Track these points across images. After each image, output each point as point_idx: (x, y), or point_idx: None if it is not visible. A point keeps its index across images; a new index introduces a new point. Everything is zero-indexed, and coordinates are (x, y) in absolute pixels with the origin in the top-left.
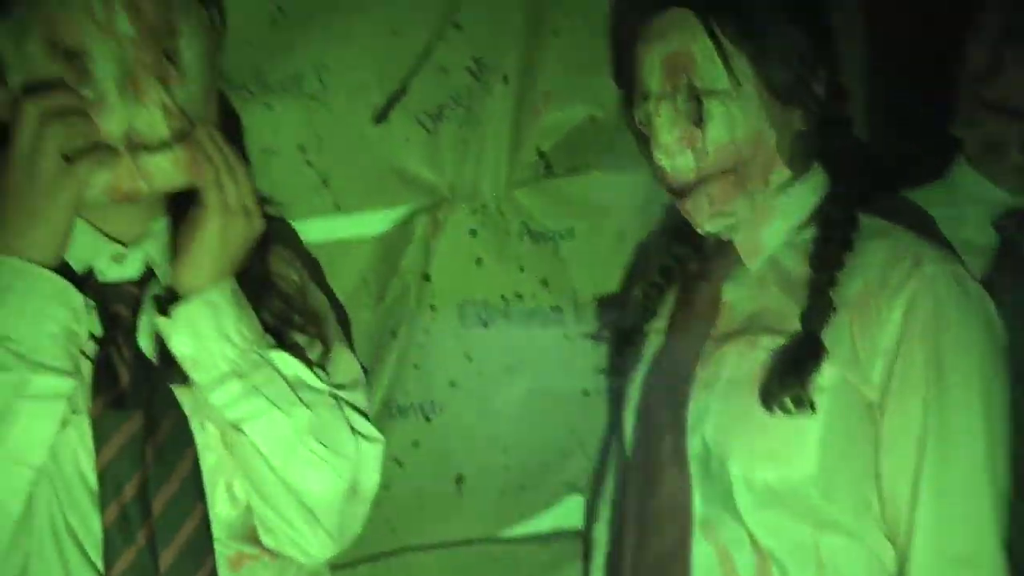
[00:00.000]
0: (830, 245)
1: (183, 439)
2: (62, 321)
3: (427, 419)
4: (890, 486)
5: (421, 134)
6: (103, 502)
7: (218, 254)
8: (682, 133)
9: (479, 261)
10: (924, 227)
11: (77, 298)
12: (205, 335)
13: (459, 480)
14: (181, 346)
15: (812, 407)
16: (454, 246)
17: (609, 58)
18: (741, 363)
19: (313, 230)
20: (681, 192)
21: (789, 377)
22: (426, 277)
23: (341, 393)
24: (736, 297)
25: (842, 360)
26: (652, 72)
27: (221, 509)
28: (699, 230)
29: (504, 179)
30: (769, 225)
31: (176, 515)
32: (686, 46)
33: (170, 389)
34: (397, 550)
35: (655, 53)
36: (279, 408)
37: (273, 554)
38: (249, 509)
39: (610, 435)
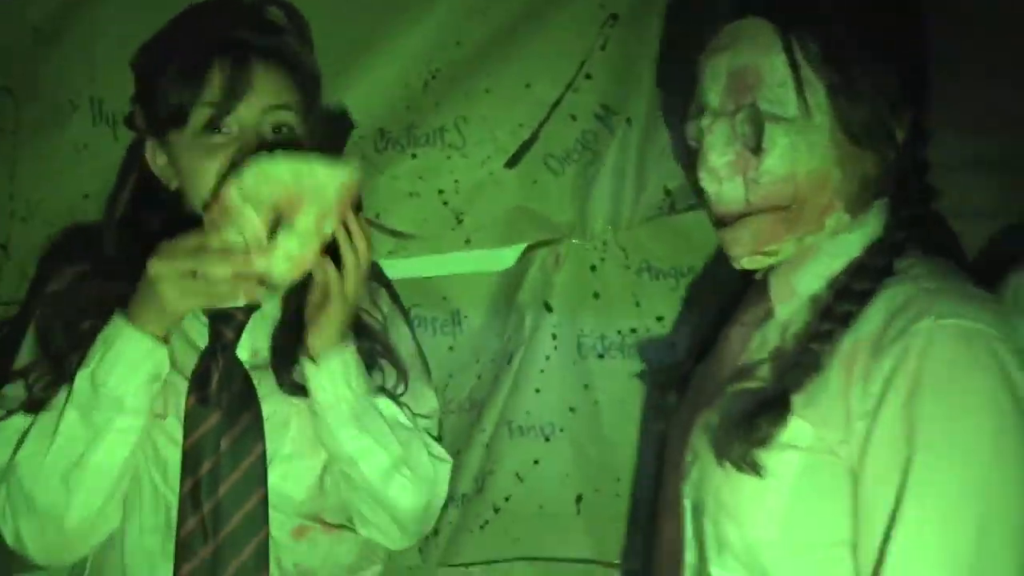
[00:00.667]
0: (844, 298)
1: (255, 436)
2: (149, 372)
3: (547, 439)
4: (863, 568)
5: (549, 176)
6: (182, 476)
7: (341, 323)
8: (736, 157)
9: (596, 295)
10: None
11: (163, 355)
12: (337, 383)
13: (578, 500)
14: (320, 391)
15: (757, 469)
16: (574, 280)
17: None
18: (731, 411)
19: (448, 263)
20: (723, 221)
21: (742, 433)
22: (548, 307)
23: (422, 423)
24: (760, 342)
25: (821, 417)
26: (713, 84)
27: (295, 493)
28: (735, 264)
29: (627, 217)
30: (807, 269)
31: (239, 494)
32: (756, 61)
33: (252, 396)
34: (512, 559)
35: (721, 64)
36: (381, 446)
37: (330, 525)
38: (318, 495)
39: None
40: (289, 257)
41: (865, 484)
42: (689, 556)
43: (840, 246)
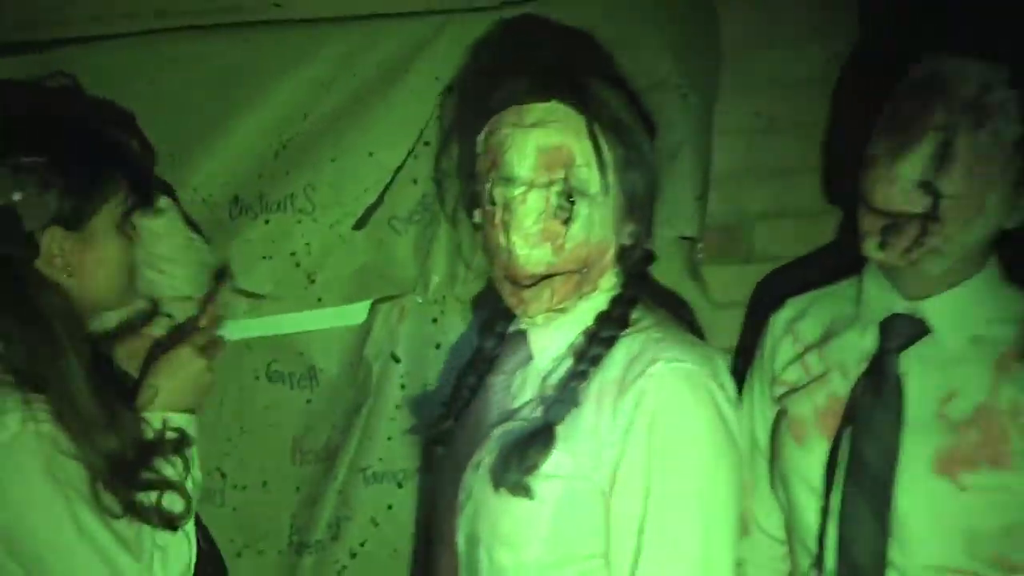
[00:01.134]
0: (594, 343)
1: None
2: None
3: (399, 485)
4: (616, 573)
5: (393, 236)
6: None
7: None
8: (547, 225)
9: (438, 346)
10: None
11: None
12: None
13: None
14: None
15: (528, 493)
16: (418, 332)
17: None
18: (495, 451)
19: (305, 321)
20: (521, 281)
21: (514, 461)
22: (395, 358)
23: None
24: (521, 388)
25: (578, 450)
26: (524, 158)
27: None
28: (525, 318)
29: (463, 272)
30: (564, 322)
31: None
32: (568, 142)
33: None
34: None
35: (530, 140)
36: None
37: None
38: None
39: None
40: None
41: (616, 502)
42: None
43: (591, 302)
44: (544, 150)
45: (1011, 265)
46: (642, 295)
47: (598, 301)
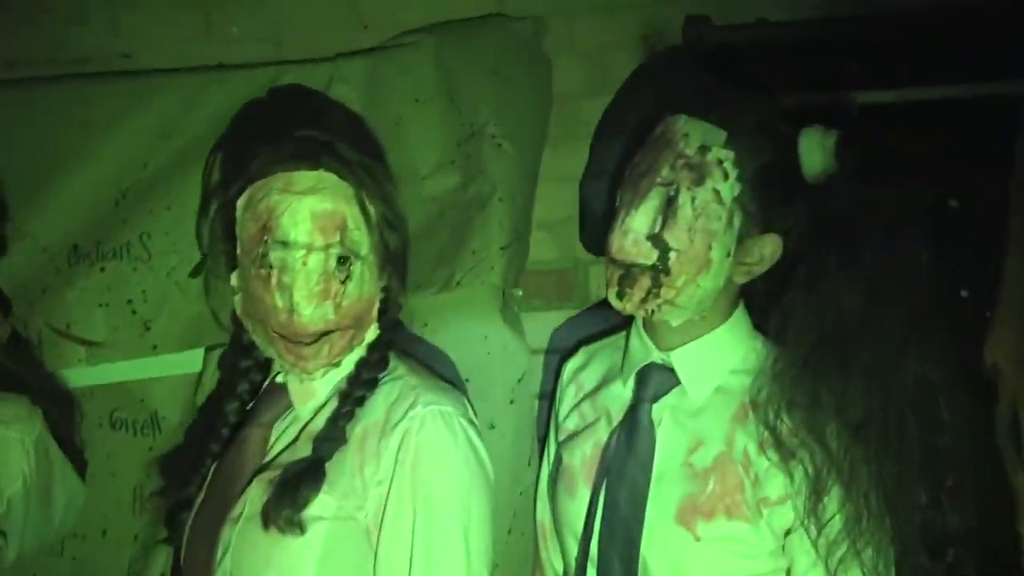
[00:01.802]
0: (357, 385)
1: None
2: None
3: None
4: None
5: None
6: None
7: None
8: (327, 286)
9: None
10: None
11: None
12: None
13: None
14: None
15: (301, 528)
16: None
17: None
18: (259, 499)
19: (147, 367)
20: (301, 339)
21: (287, 498)
22: None
23: None
24: (281, 437)
25: (342, 491)
26: (299, 223)
27: None
28: (303, 374)
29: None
30: (327, 374)
31: None
32: (342, 209)
33: None
34: None
35: (306, 206)
36: None
37: None
38: None
39: None
40: None
41: (383, 536)
42: None
43: (353, 352)
44: (318, 215)
45: (759, 317)
46: (394, 342)
47: (357, 350)
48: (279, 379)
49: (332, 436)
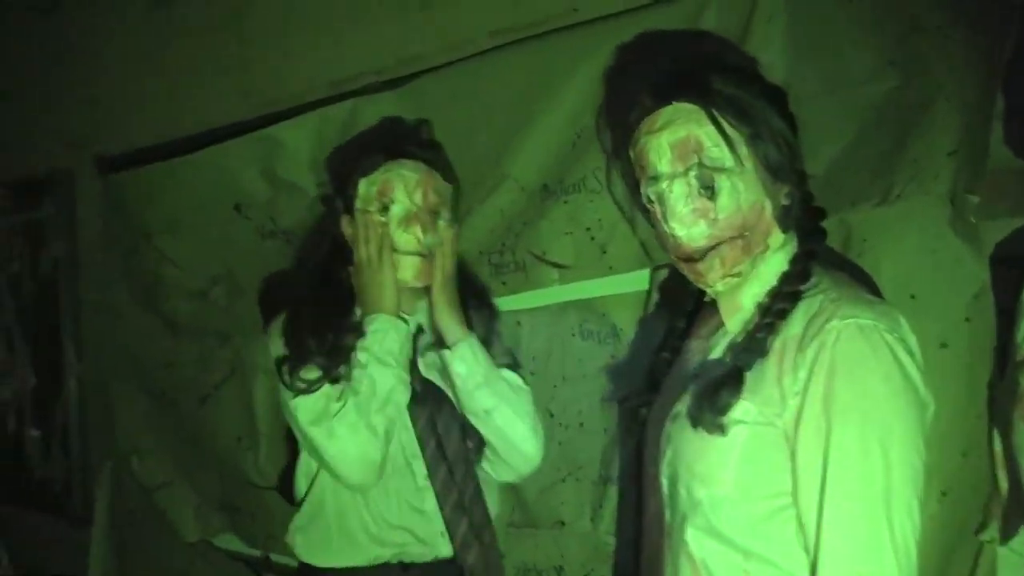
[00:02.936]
0: (779, 298)
1: (456, 419)
2: (399, 341)
3: None
4: (803, 518)
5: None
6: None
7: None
8: (696, 205)
9: None
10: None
11: (406, 329)
12: (469, 361)
13: None
14: (458, 366)
15: (722, 430)
16: None
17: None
18: (699, 392)
19: (597, 287)
20: (692, 258)
21: (707, 402)
22: None
23: None
24: (715, 348)
25: (762, 399)
26: (661, 156)
27: None
28: (708, 289)
29: None
30: (749, 287)
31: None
32: (694, 132)
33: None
34: None
35: (663, 140)
36: (506, 402)
37: None
38: None
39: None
40: None
41: (799, 445)
42: (668, 517)
43: (770, 264)
44: (674, 145)
45: None
46: (819, 255)
47: (776, 262)
48: (710, 296)
49: (751, 347)
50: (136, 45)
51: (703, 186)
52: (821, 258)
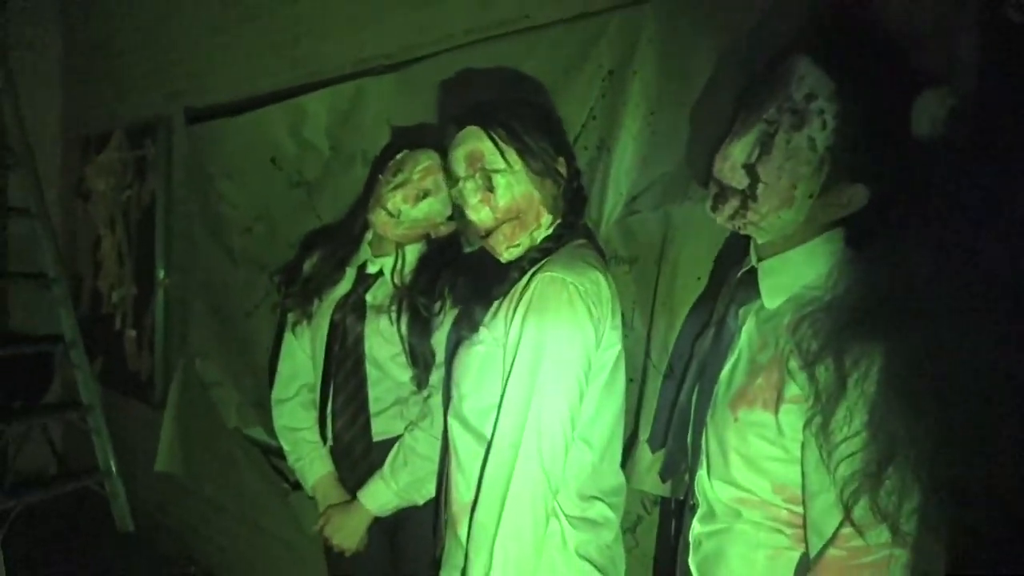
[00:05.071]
0: (532, 250)
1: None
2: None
3: None
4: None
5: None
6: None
7: None
8: (481, 197)
9: None
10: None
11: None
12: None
13: None
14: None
15: (472, 344)
16: None
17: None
18: None
19: None
20: (485, 235)
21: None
22: None
23: None
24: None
25: (493, 328)
26: (459, 164)
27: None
28: (499, 257)
29: (603, 218)
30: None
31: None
32: (478, 146)
33: (359, 318)
34: None
35: (459, 152)
36: None
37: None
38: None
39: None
40: None
41: (506, 359)
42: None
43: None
44: (466, 155)
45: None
46: (575, 228)
47: (538, 236)
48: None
49: (503, 287)
50: (214, 20)
51: (486, 184)
52: (583, 235)
